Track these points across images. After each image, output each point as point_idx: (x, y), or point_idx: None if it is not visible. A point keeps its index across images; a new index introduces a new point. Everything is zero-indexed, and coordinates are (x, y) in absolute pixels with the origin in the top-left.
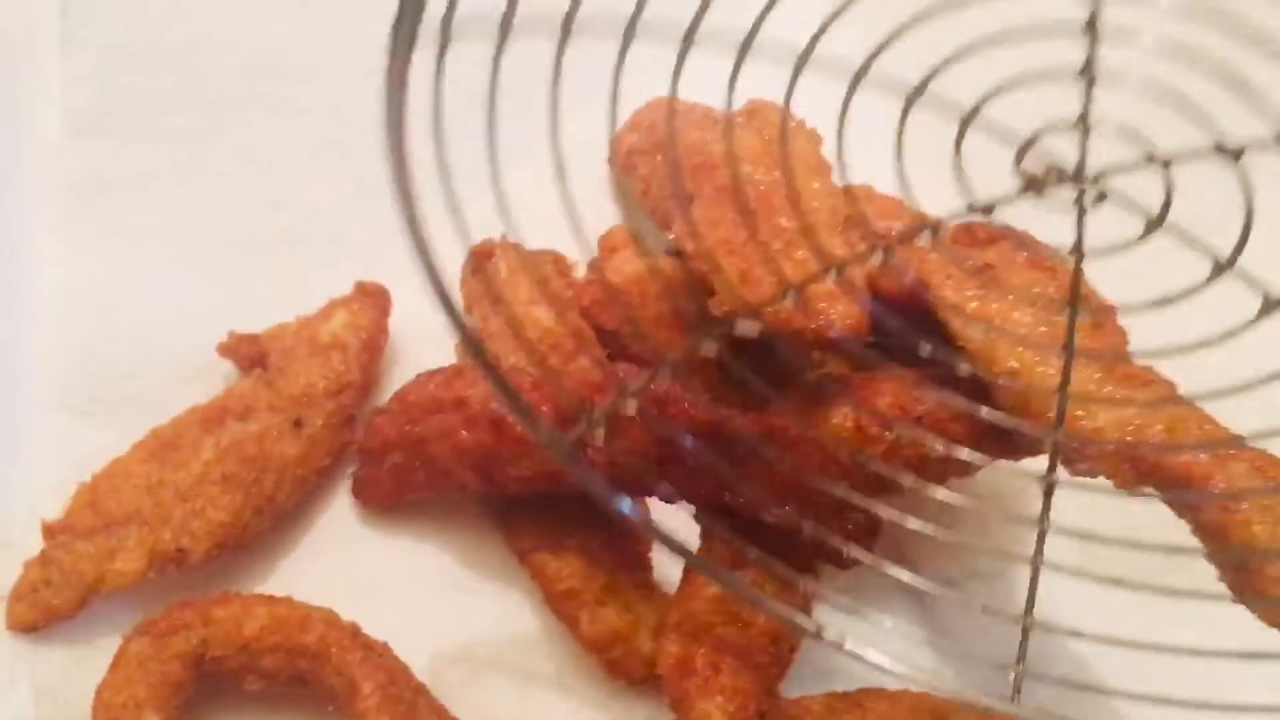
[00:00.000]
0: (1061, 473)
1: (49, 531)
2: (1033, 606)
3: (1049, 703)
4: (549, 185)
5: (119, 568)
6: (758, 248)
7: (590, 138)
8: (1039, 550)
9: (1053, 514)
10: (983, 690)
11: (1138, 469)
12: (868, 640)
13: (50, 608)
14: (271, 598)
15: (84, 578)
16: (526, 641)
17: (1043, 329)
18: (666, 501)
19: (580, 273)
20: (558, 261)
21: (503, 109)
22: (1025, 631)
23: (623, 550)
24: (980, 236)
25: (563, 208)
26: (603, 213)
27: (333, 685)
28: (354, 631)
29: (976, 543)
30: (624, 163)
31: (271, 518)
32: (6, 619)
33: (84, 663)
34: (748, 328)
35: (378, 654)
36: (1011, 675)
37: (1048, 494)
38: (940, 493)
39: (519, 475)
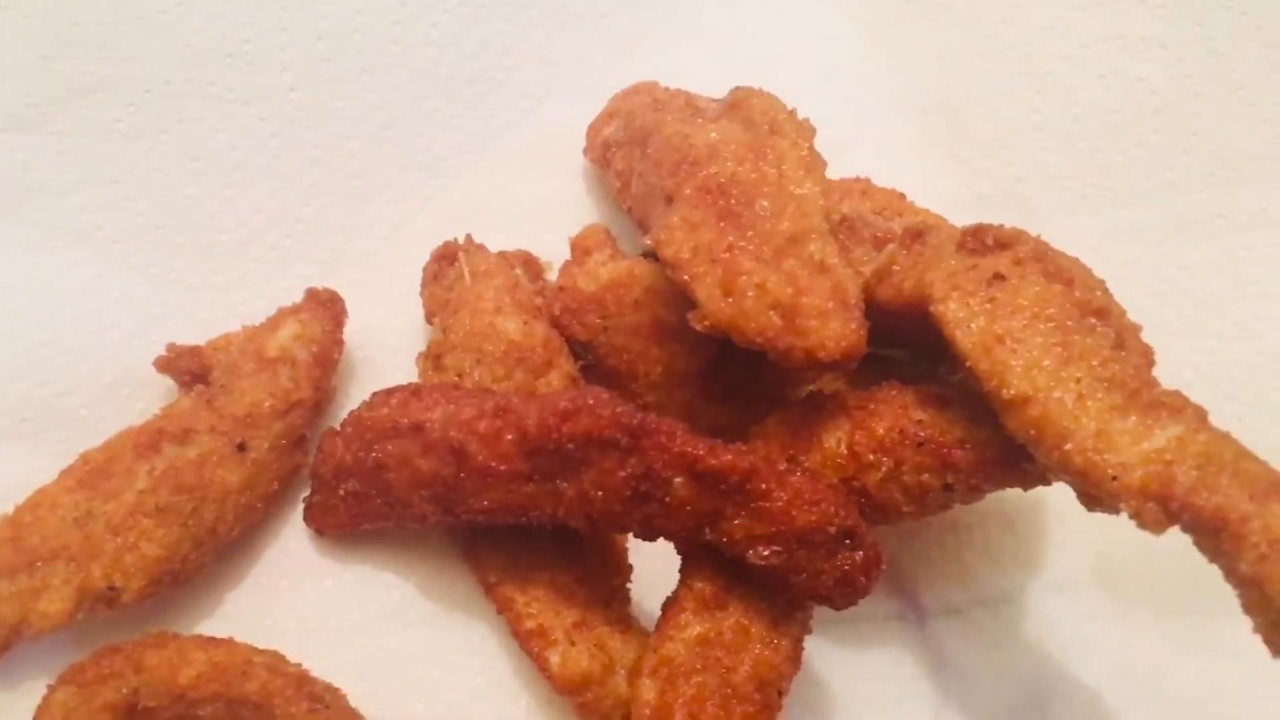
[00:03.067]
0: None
1: None
2: None
3: None
4: (523, 176)
5: (44, 609)
6: (743, 255)
7: (571, 121)
8: None
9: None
10: None
11: (1166, 510)
12: (866, 672)
13: None
14: (210, 640)
15: (5, 620)
16: (493, 681)
17: (1058, 349)
18: (644, 539)
19: (554, 276)
20: (529, 264)
21: (477, 90)
22: None
23: (598, 584)
24: (990, 241)
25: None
26: (582, 207)
27: None
28: (300, 679)
29: (981, 567)
30: (600, 155)
31: (213, 550)
32: None
33: (5, 710)
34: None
35: (325, 705)
36: None
37: None
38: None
39: (482, 507)
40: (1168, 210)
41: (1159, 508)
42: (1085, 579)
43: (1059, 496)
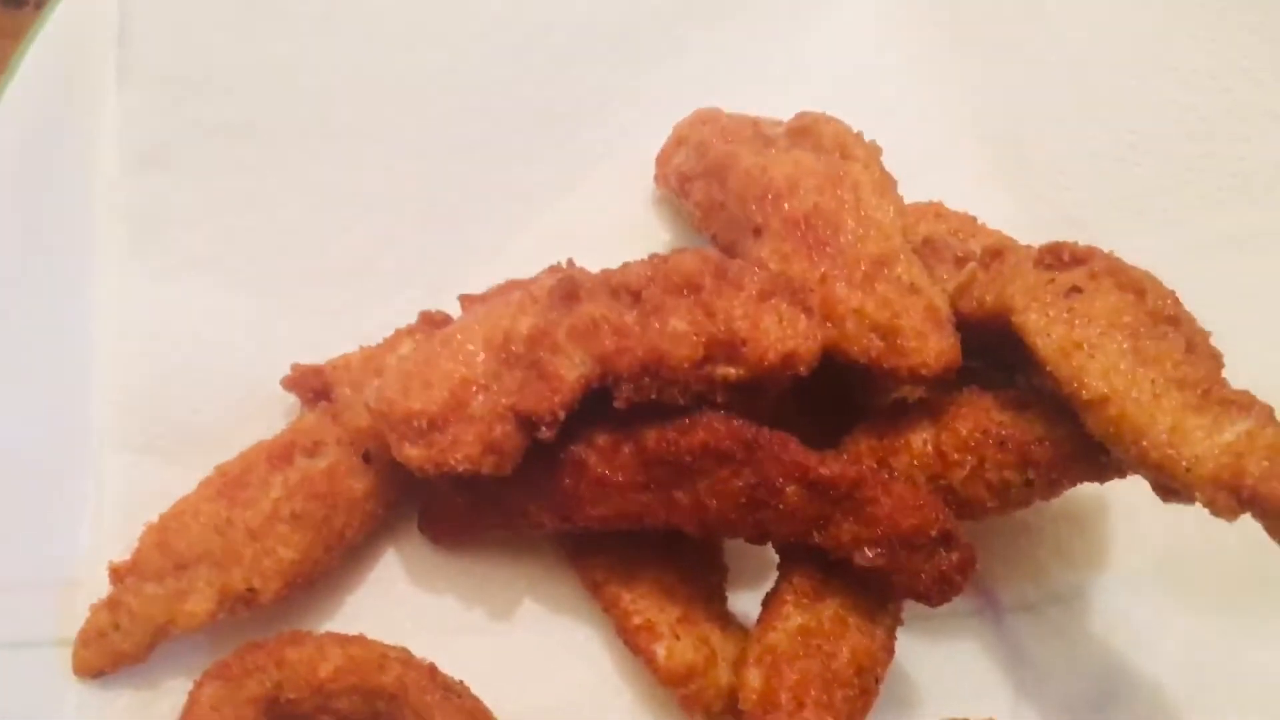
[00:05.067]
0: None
1: (116, 574)
2: None
3: None
4: (612, 204)
5: (189, 609)
6: (836, 282)
7: (654, 152)
8: None
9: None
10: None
11: (1238, 498)
12: (947, 666)
13: (118, 652)
14: (345, 637)
15: (153, 621)
16: (601, 676)
17: (1133, 353)
18: (754, 543)
19: None
20: None
21: (570, 125)
22: None
23: (698, 582)
24: (1065, 258)
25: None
26: (666, 232)
27: None
28: (432, 671)
29: (1053, 564)
30: (677, 186)
31: (342, 554)
32: (74, 664)
33: (151, 707)
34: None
35: (456, 694)
36: None
37: None
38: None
39: (598, 515)
40: (1220, 228)
41: (1231, 496)
42: (1153, 575)
43: (1126, 497)
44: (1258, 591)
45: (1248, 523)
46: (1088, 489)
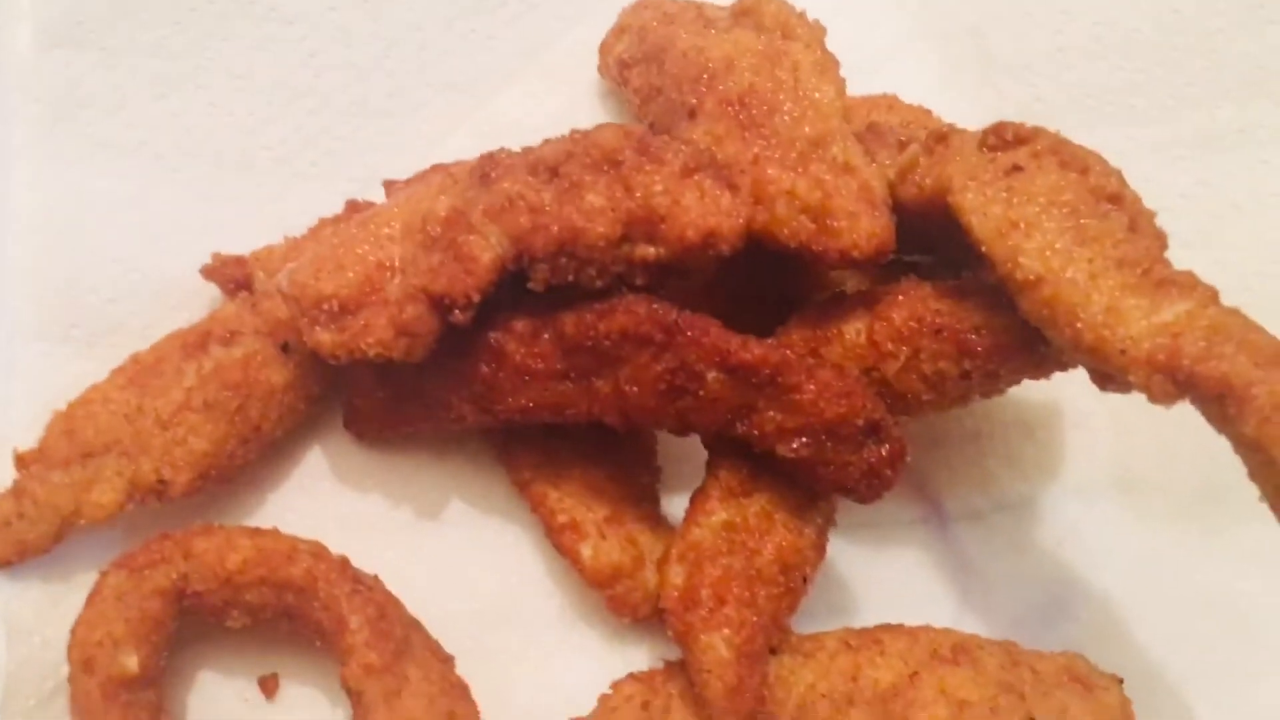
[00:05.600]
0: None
1: (21, 462)
2: None
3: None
4: (553, 95)
5: (96, 499)
6: (769, 164)
7: (598, 42)
8: None
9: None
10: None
11: (1174, 380)
12: (888, 574)
13: (24, 542)
14: (256, 530)
15: (59, 510)
16: (527, 580)
17: (1072, 232)
18: (677, 434)
19: None
20: None
21: (511, 12)
22: None
23: (629, 483)
24: (1010, 137)
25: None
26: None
27: (319, 620)
28: (343, 564)
29: (1003, 473)
30: (616, 73)
31: (258, 448)
32: None
33: (61, 600)
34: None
35: (367, 587)
36: None
37: None
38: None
39: (520, 406)
40: (1188, 126)
41: (1167, 379)
42: (1105, 485)
43: (1078, 405)
44: (1210, 504)
45: (1202, 431)
46: (1040, 396)
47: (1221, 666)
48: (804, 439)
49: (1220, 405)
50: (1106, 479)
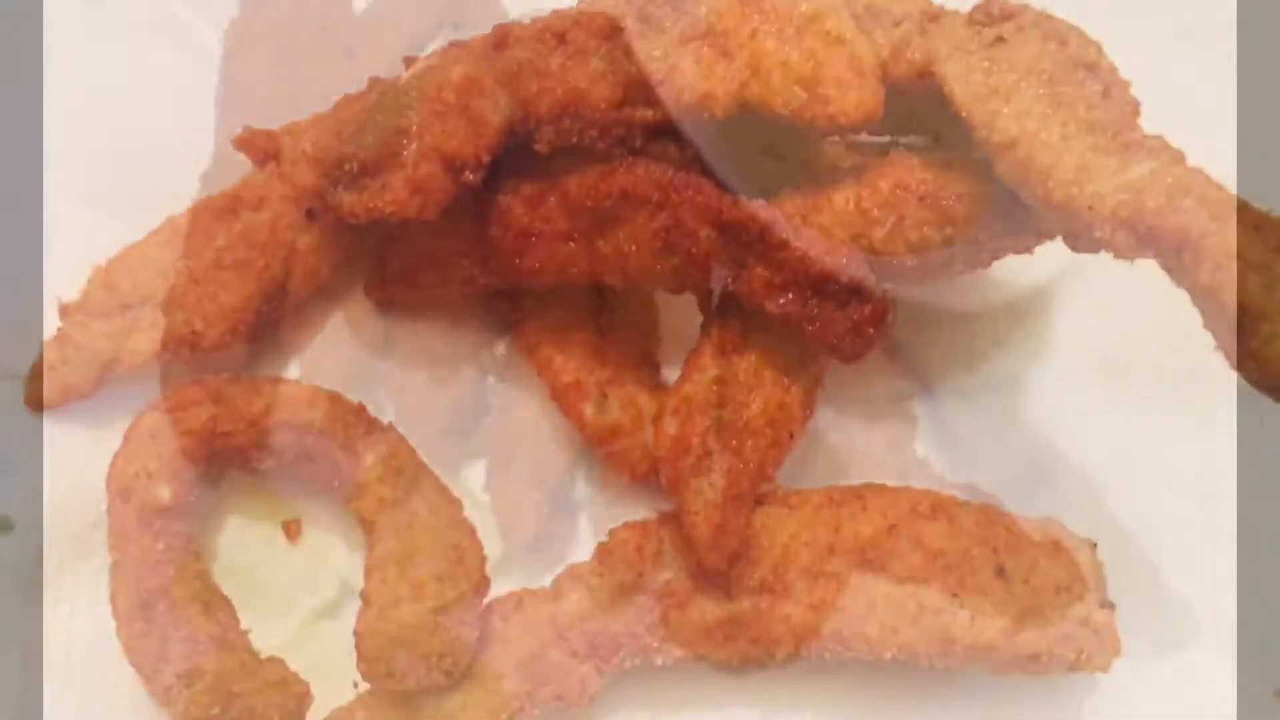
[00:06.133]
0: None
1: (65, 311)
2: None
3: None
4: None
5: (134, 347)
6: (766, 37)
7: None
8: None
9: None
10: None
11: (1135, 234)
12: (876, 444)
13: (67, 385)
14: (280, 379)
15: (100, 356)
16: (532, 435)
17: (1047, 98)
18: (672, 292)
19: None
20: None
21: None
22: None
23: (631, 348)
24: (995, 12)
25: None
26: None
27: (337, 460)
28: (359, 409)
29: (990, 352)
30: None
31: (283, 306)
32: (24, 396)
33: (100, 443)
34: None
35: (381, 429)
36: None
37: None
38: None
39: (527, 267)
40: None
41: (1130, 233)
42: (1089, 367)
43: (1068, 291)
44: (1193, 386)
45: (1183, 315)
46: (1030, 282)
47: (1195, 539)
48: (790, 295)
49: (1177, 257)
50: (1091, 361)
